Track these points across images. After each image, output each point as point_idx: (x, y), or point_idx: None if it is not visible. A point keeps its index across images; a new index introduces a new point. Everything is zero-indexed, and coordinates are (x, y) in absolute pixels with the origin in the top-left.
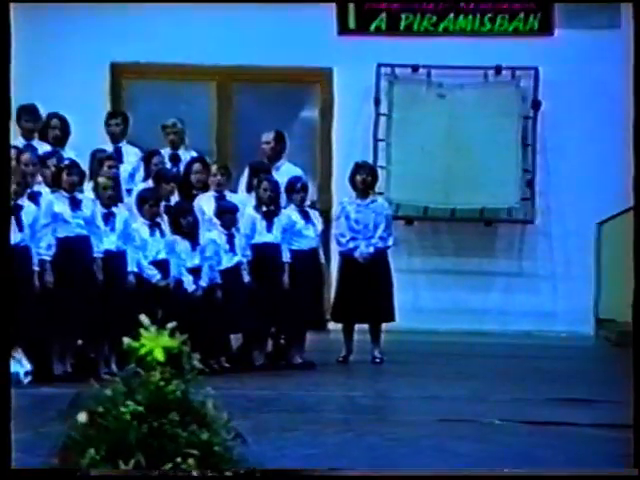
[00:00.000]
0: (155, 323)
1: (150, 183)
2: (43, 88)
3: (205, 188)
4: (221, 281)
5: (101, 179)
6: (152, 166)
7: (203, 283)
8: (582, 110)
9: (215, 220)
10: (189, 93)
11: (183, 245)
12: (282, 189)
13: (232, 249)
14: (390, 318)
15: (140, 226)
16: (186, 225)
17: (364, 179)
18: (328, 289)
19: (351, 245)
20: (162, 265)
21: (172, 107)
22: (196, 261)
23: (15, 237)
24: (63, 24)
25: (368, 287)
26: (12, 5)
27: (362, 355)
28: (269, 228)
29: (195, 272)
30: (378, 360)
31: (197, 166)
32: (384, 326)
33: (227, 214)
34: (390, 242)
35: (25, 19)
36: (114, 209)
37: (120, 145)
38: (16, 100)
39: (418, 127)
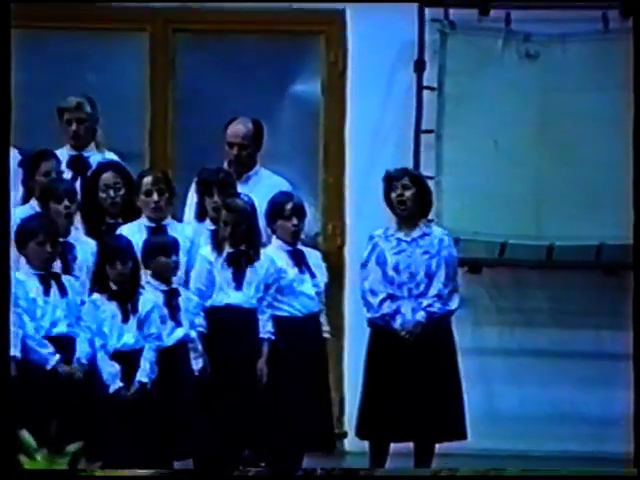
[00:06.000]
0: (47, 443)
1: (35, 205)
2: None
3: (128, 214)
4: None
5: None
6: (38, 177)
7: (144, 378)
8: None
9: (143, 269)
10: (103, 53)
11: (109, 311)
12: (257, 214)
13: (173, 316)
14: (457, 433)
15: (26, 278)
16: (117, 277)
17: (400, 198)
18: (338, 382)
19: (386, 309)
20: (61, 344)
21: (75, 77)
22: (129, 340)
23: None
24: None
25: (418, 381)
26: None
27: None
28: (238, 281)
29: (126, 358)
30: None
31: (108, 177)
32: (441, 447)
33: (160, 255)
34: (454, 304)
35: None
36: None
37: None
38: None
39: (489, 110)
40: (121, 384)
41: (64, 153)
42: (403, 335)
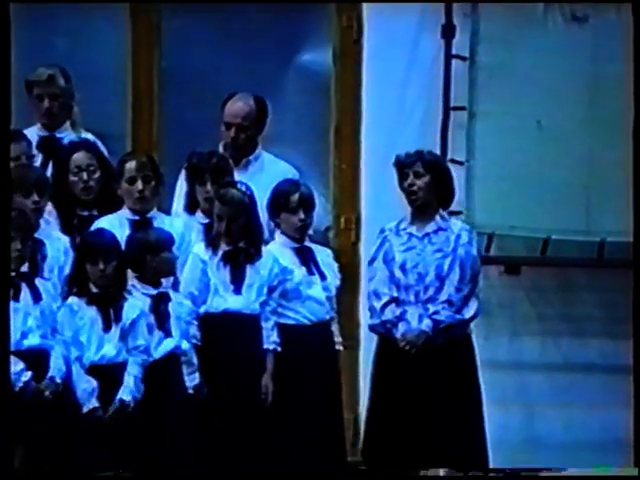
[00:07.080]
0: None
1: None
2: None
3: (106, 205)
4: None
5: None
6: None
7: (126, 395)
8: None
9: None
10: (77, 16)
11: (87, 317)
12: (259, 206)
13: (162, 325)
14: (477, 461)
15: None
16: (99, 278)
17: (411, 188)
18: (353, 401)
19: (389, 314)
20: (33, 359)
21: (45, 45)
22: (109, 351)
23: None
24: None
25: (429, 401)
26: None
27: None
28: (237, 284)
29: (104, 373)
30: None
31: (80, 157)
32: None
33: (150, 253)
34: (469, 313)
35: None
36: None
37: None
38: None
39: (530, 83)
40: (97, 404)
41: (33, 133)
42: (403, 346)
